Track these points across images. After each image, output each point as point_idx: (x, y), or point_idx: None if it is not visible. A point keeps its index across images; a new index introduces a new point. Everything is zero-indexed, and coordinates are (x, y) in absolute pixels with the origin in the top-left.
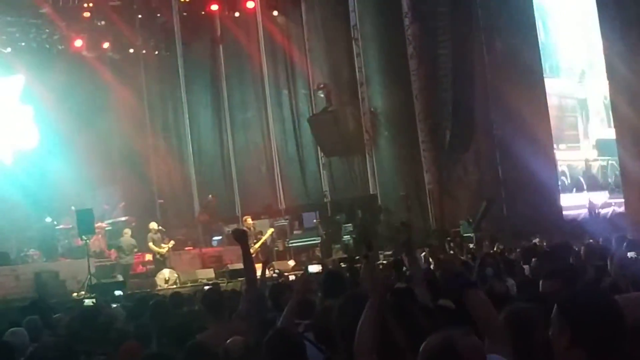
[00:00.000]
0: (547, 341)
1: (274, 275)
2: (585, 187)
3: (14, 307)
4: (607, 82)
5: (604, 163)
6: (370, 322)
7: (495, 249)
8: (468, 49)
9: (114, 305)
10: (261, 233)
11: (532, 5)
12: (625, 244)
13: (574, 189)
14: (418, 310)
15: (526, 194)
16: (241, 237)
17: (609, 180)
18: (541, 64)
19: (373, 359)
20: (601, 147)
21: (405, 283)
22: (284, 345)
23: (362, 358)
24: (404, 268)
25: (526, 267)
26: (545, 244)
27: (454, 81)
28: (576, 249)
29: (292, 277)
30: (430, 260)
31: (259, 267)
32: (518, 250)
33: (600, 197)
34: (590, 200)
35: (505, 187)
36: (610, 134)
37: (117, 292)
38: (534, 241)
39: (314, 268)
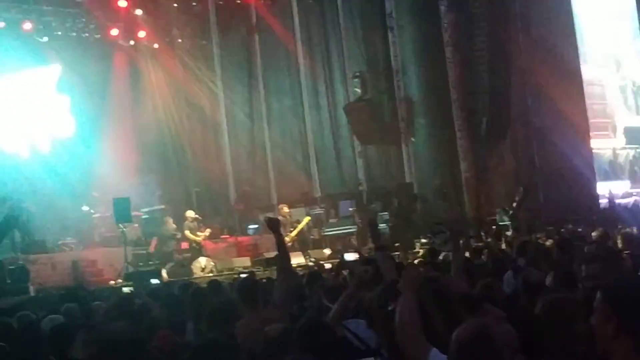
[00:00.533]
0: (588, 330)
1: (310, 263)
2: (610, 176)
3: (51, 294)
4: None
5: (632, 152)
6: (409, 313)
7: (531, 237)
8: (504, 37)
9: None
10: (297, 222)
11: None
12: None
13: (600, 178)
14: (454, 297)
15: (563, 182)
16: (275, 226)
17: (635, 169)
18: (577, 52)
19: (421, 341)
20: (629, 135)
21: (440, 271)
22: (317, 334)
23: (409, 345)
24: (440, 257)
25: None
26: (580, 230)
27: (490, 69)
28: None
29: (327, 266)
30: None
31: (295, 256)
32: (556, 237)
33: (622, 187)
34: (610, 190)
35: (542, 175)
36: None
37: (154, 281)
38: (571, 229)
39: (350, 256)
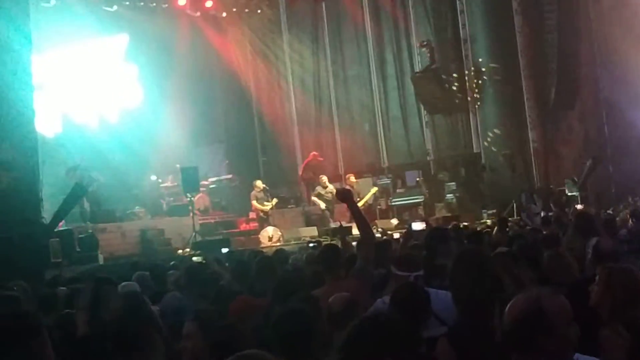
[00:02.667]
0: None
1: (378, 234)
2: None
3: (121, 263)
4: None
5: None
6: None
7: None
8: (574, 5)
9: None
10: (359, 195)
11: None
12: None
13: None
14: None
15: (632, 154)
16: (346, 197)
17: None
18: None
19: None
20: None
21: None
22: (410, 297)
23: None
24: (507, 228)
25: None
26: None
27: (559, 37)
28: None
29: (396, 235)
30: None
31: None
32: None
33: None
34: None
35: (611, 146)
36: None
37: (224, 250)
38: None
39: (418, 225)
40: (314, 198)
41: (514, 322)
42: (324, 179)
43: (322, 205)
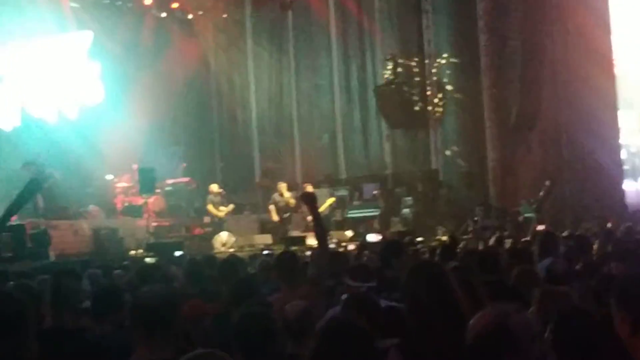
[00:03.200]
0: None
1: (332, 245)
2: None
3: (72, 260)
4: None
5: None
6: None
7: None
8: (539, 27)
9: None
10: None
11: None
12: None
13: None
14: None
15: (590, 177)
16: (311, 200)
17: None
18: (611, 45)
19: None
20: None
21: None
22: (361, 307)
23: None
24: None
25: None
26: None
27: (522, 59)
28: None
29: (351, 247)
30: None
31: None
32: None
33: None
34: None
35: (569, 169)
36: None
37: (177, 253)
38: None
39: (373, 237)
40: (270, 207)
41: (479, 338)
42: (282, 186)
43: (275, 217)
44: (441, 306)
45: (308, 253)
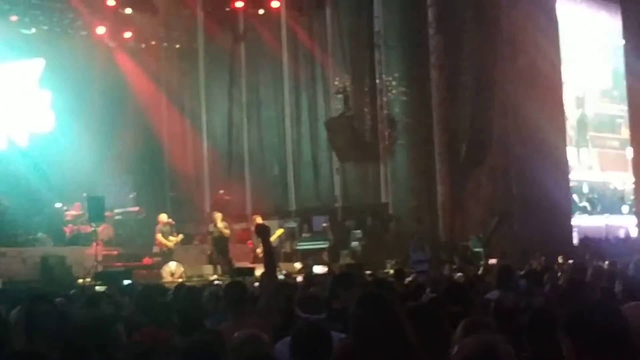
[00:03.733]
0: None
1: (281, 276)
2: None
3: (19, 288)
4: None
5: None
6: None
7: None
8: (490, 63)
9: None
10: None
11: (557, 23)
12: None
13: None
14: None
15: (539, 213)
16: (264, 233)
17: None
18: (562, 83)
19: None
20: None
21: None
22: (313, 339)
23: None
24: (406, 279)
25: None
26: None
27: (473, 94)
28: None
29: (299, 278)
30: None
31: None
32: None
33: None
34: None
35: (518, 204)
36: None
37: (126, 282)
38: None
39: (319, 269)
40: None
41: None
42: (217, 216)
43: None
44: (389, 335)
45: (256, 284)
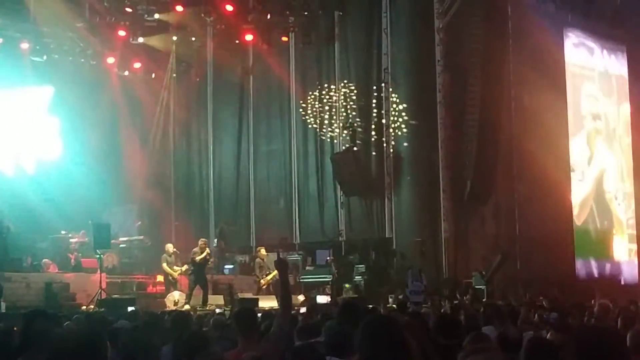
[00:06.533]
0: None
1: None
2: None
3: (24, 313)
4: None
5: None
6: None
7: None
8: (496, 103)
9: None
10: (268, 268)
11: (564, 63)
12: None
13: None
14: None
15: (541, 253)
16: (284, 267)
17: None
18: (567, 124)
19: None
20: None
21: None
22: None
23: None
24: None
25: None
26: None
27: (479, 133)
28: None
29: (302, 310)
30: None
31: (269, 299)
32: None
33: None
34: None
35: (521, 243)
36: None
37: (130, 308)
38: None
39: (322, 299)
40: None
41: None
42: (201, 242)
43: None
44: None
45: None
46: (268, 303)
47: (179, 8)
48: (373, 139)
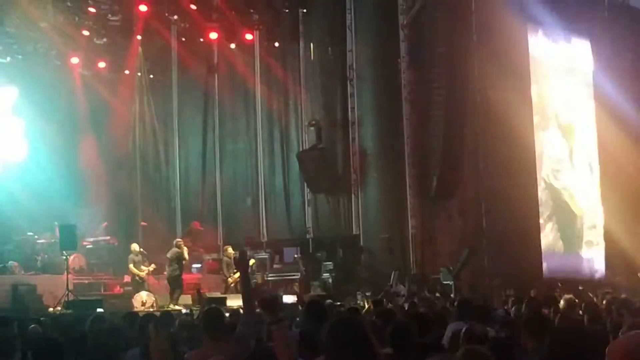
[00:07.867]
0: None
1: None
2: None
3: None
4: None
5: None
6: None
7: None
8: (462, 98)
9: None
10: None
11: (528, 58)
12: None
13: None
14: None
15: (508, 247)
16: (244, 263)
17: None
18: (532, 118)
19: None
20: None
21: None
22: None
23: None
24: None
25: None
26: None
27: (445, 129)
28: None
29: None
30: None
31: (236, 298)
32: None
33: None
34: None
35: (488, 238)
36: None
37: (99, 310)
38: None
39: (289, 298)
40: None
41: None
42: (178, 241)
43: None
44: (360, 356)
45: (227, 314)
46: (236, 302)
47: (143, 7)
48: (339, 137)
